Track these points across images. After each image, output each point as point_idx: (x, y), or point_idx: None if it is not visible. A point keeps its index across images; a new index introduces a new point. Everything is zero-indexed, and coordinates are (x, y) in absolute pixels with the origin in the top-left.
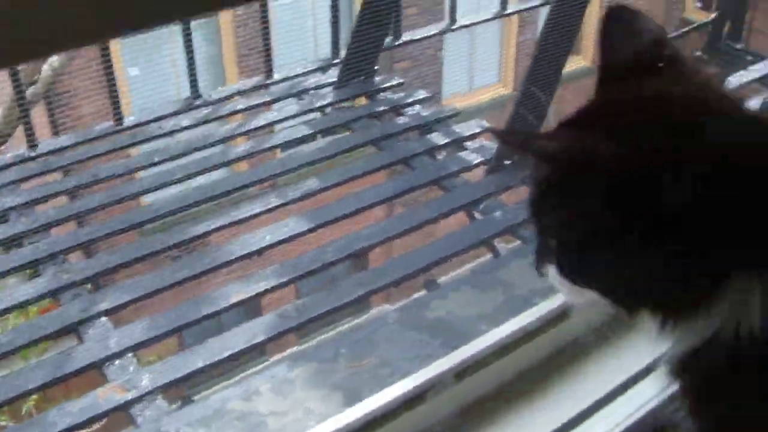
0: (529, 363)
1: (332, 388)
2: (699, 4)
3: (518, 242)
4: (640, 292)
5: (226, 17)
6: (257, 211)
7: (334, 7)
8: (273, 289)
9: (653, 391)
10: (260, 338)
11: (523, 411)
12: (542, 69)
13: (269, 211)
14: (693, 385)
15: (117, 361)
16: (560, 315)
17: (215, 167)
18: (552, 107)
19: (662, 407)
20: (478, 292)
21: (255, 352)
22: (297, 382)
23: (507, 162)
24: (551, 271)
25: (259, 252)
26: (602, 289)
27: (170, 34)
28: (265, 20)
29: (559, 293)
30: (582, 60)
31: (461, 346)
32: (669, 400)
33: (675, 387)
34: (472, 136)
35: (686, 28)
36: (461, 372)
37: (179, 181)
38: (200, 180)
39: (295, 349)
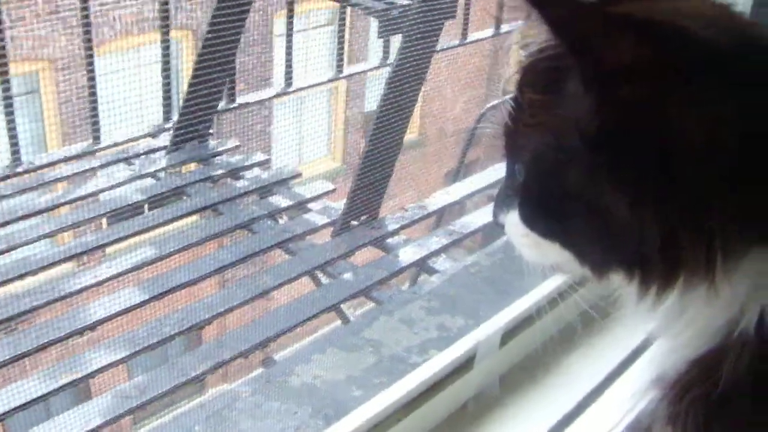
0: (433, 422)
1: None
2: None
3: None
4: (622, 247)
5: (49, 90)
6: (88, 283)
7: (166, 71)
8: (109, 366)
9: None
10: (98, 421)
11: None
12: (384, 135)
13: (100, 283)
14: (701, 412)
15: None
16: (462, 366)
17: (38, 238)
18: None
19: None
20: (345, 353)
21: None
22: None
23: (354, 222)
24: (510, 219)
25: (92, 327)
26: (570, 240)
27: None
28: (91, 80)
29: (463, 338)
30: (409, 132)
31: (333, 414)
32: None
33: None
34: (316, 198)
35: None
36: None
37: None
38: (22, 252)
39: None
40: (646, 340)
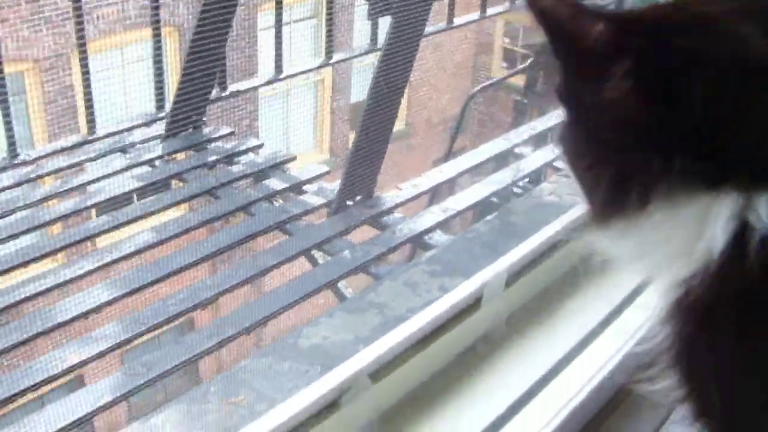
0: (443, 360)
1: (207, 428)
2: (504, 64)
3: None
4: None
5: (34, 90)
6: (88, 269)
7: (158, 61)
8: (115, 346)
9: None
10: (108, 398)
11: (444, 411)
12: (378, 112)
13: (100, 269)
14: (690, 322)
15: None
16: (471, 306)
17: (37, 227)
18: None
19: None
20: (352, 316)
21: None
22: (166, 427)
23: (349, 202)
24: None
25: (97, 310)
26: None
27: None
28: (86, 74)
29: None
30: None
31: None
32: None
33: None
34: (311, 180)
35: (502, 76)
36: (376, 372)
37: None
38: (24, 240)
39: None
40: (642, 284)
